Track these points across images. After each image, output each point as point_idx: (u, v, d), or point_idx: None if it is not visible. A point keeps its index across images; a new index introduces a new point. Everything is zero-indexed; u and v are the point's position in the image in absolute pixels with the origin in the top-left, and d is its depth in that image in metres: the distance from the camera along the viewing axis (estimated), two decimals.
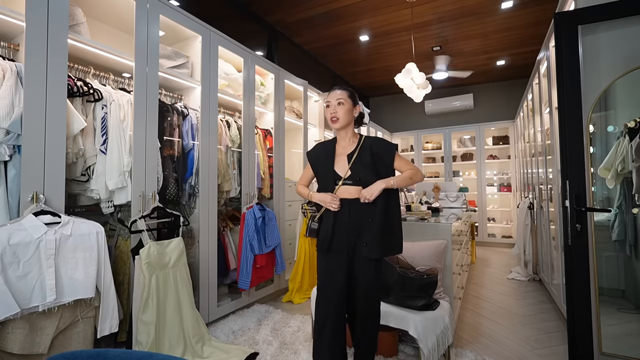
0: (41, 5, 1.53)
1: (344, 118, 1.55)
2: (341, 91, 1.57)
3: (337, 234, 1.51)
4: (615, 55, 1.78)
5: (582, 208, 1.73)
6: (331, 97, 1.57)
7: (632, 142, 1.83)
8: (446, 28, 4.37)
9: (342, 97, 1.55)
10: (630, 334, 1.86)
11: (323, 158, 1.60)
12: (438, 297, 2.02)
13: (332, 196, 1.50)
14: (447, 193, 4.14)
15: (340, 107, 1.55)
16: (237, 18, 4.05)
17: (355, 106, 1.60)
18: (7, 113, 1.42)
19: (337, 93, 1.56)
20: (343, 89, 1.58)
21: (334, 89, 1.60)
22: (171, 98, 2.46)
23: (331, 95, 1.58)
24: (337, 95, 1.56)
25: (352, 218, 1.50)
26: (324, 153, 1.61)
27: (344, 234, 1.50)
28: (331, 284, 1.51)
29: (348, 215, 1.50)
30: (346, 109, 1.55)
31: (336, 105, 1.55)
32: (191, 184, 2.40)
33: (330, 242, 1.52)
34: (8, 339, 1.36)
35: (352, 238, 1.50)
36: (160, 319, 1.86)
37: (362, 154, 1.53)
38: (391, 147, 1.56)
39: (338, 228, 1.51)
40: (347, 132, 1.60)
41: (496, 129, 6.12)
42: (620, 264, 1.97)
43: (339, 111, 1.54)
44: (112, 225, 2.11)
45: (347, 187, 1.52)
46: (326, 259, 1.54)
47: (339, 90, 1.57)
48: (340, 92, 1.56)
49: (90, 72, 1.93)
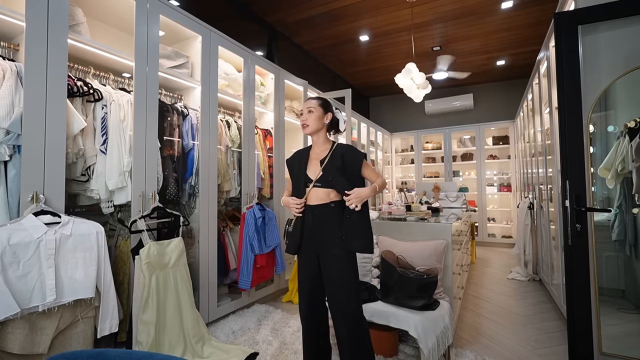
0: (41, 5, 1.53)
1: (313, 124, 1.65)
2: (313, 100, 1.70)
3: (305, 236, 1.63)
4: (615, 55, 1.78)
5: (582, 208, 1.73)
6: (304, 106, 1.71)
7: (632, 142, 1.83)
8: (446, 28, 4.37)
9: (312, 105, 1.67)
10: (630, 334, 1.86)
11: (297, 163, 1.71)
12: (438, 297, 2.02)
13: (295, 200, 1.61)
14: (447, 193, 4.14)
15: (310, 114, 1.66)
16: (237, 18, 4.04)
17: (327, 113, 1.70)
18: (7, 113, 1.42)
19: (309, 102, 1.70)
20: (315, 99, 1.72)
21: (308, 98, 1.76)
22: (171, 98, 2.46)
23: (304, 104, 1.71)
24: (308, 103, 1.69)
25: (316, 221, 1.59)
26: (299, 159, 1.72)
27: (310, 236, 1.61)
28: (303, 283, 1.62)
29: (312, 219, 1.60)
30: (316, 116, 1.65)
31: (307, 112, 1.67)
32: (191, 184, 2.40)
33: (299, 244, 1.64)
34: (8, 339, 1.36)
35: (317, 240, 1.59)
36: (160, 319, 1.86)
37: (333, 159, 1.62)
38: (360, 155, 1.65)
39: (305, 230, 1.62)
40: (319, 138, 1.69)
41: (496, 129, 6.12)
42: (620, 264, 1.96)
43: (308, 118, 1.66)
44: (112, 225, 2.11)
45: (316, 190, 1.60)
46: (299, 261, 1.67)
47: (311, 100, 1.71)
48: (311, 101, 1.70)
49: (90, 72, 1.93)
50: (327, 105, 1.71)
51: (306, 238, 1.62)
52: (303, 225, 1.62)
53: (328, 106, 1.71)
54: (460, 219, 3.00)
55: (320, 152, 1.67)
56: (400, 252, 2.12)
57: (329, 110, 1.70)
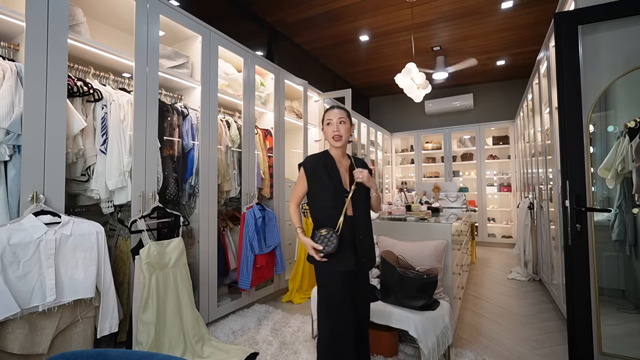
0: (41, 5, 1.53)
1: (346, 136, 1.59)
2: (341, 110, 1.61)
3: (344, 250, 1.49)
4: (615, 55, 1.78)
5: (582, 208, 1.73)
6: (333, 116, 1.58)
7: (632, 142, 1.83)
8: (446, 28, 4.37)
9: (343, 116, 1.59)
10: (630, 334, 1.85)
11: (323, 171, 1.57)
12: (438, 297, 2.02)
13: (314, 246, 1.45)
14: (447, 193, 4.14)
15: (342, 125, 1.58)
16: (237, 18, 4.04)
17: (352, 125, 1.65)
18: (7, 113, 1.42)
19: (339, 112, 1.59)
20: (343, 109, 1.62)
21: (333, 107, 1.63)
22: (171, 98, 2.46)
23: (332, 114, 1.59)
24: (339, 114, 1.58)
25: (350, 234, 1.51)
26: (324, 166, 1.58)
27: (349, 250, 1.49)
28: (345, 298, 1.48)
29: (351, 231, 1.51)
30: (347, 127, 1.60)
31: (338, 123, 1.57)
32: (191, 184, 2.40)
33: (341, 259, 1.49)
34: (8, 339, 1.36)
35: (353, 253, 1.51)
36: (160, 319, 1.86)
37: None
38: (369, 169, 1.65)
39: (344, 245, 1.49)
40: (344, 150, 1.65)
41: (496, 129, 6.12)
42: (620, 264, 1.96)
43: (341, 129, 1.57)
44: (112, 225, 2.11)
45: (350, 202, 1.54)
46: (339, 276, 1.49)
47: (340, 110, 1.60)
48: (341, 112, 1.60)
49: (90, 72, 1.93)
50: (351, 116, 1.66)
51: (344, 250, 1.49)
52: (341, 239, 1.47)
53: (351, 117, 1.66)
54: (460, 219, 3.00)
55: (345, 163, 1.63)
56: (400, 252, 2.12)
57: (352, 121, 1.66)
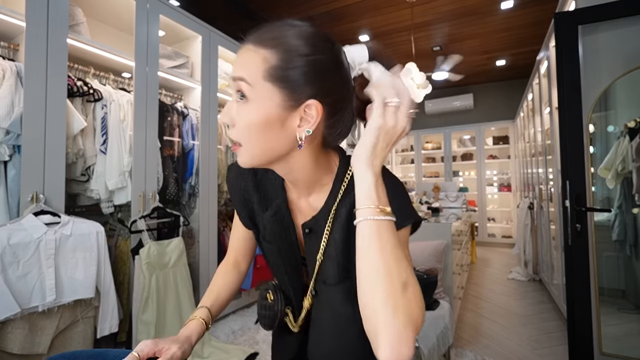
0: (41, 5, 1.53)
1: (256, 137, 1.47)
2: (250, 45, 1.49)
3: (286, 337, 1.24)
4: (615, 55, 1.78)
5: (582, 208, 1.73)
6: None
7: (632, 142, 1.83)
8: (446, 28, 4.37)
9: (249, 63, 1.49)
10: (630, 334, 1.86)
11: (259, 214, 1.44)
12: (438, 297, 2.02)
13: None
14: (447, 193, 4.15)
15: (242, 103, 1.53)
16: (237, 18, 4.04)
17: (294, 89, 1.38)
18: (7, 113, 1.42)
19: (239, 55, 1.50)
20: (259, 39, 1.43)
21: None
22: (171, 98, 2.46)
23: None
24: (237, 60, 1.50)
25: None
26: (257, 203, 1.45)
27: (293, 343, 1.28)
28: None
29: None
30: (259, 102, 1.46)
31: (236, 94, 1.51)
32: (191, 184, 2.40)
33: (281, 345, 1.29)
34: (8, 339, 1.35)
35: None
36: (160, 319, 1.86)
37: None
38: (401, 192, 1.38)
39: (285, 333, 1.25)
40: (303, 168, 1.48)
41: (496, 129, 6.12)
42: (620, 264, 1.96)
43: (233, 112, 1.51)
44: (112, 225, 2.11)
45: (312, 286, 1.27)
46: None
47: (248, 45, 1.50)
48: (246, 50, 1.50)
49: (90, 72, 1.93)
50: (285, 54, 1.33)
51: None
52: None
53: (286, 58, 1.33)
54: (460, 219, 3.00)
55: (314, 200, 1.48)
56: None
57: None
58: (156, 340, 0.58)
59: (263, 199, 0.67)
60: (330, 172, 0.61)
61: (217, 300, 0.73)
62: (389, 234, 0.44)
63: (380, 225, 0.44)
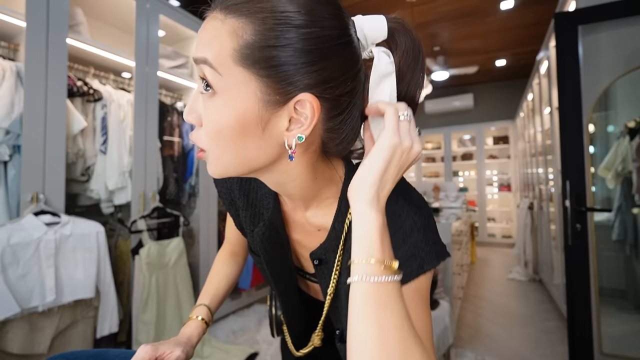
0: (41, 5, 1.53)
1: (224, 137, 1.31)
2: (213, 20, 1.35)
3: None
4: (615, 55, 1.78)
5: (582, 208, 1.73)
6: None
7: (632, 142, 1.83)
8: (446, 28, 4.37)
9: (213, 39, 1.35)
10: (630, 334, 1.85)
11: (250, 227, 1.34)
12: (438, 297, 2.02)
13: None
14: (447, 193, 4.15)
15: (206, 97, 1.39)
16: None
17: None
18: (7, 113, 1.42)
19: (202, 29, 1.39)
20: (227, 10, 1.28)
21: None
22: (171, 98, 2.46)
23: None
24: (201, 35, 1.38)
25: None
26: (249, 218, 1.36)
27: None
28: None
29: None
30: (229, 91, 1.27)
31: (200, 83, 1.39)
32: (191, 184, 2.40)
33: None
34: (8, 339, 1.35)
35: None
36: (160, 319, 1.86)
37: None
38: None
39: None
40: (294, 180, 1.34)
41: (496, 129, 6.12)
42: (620, 264, 1.96)
43: (197, 106, 1.39)
44: (112, 225, 2.11)
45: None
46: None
47: (210, 21, 1.38)
48: (212, 23, 1.38)
49: (90, 72, 1.93)
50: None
51: None
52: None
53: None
54: (460, 219, 3.00)
55: (317, 220, 1.36)
56: None
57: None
58: (156, 344, 0.53)
59: (251, 206, 0.55)
60: (331, 184, 0.47)
61: (216, 295, 0.67)
62: (394, 301, 0.32)
63: (380, 290, 0.31)
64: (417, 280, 0.40)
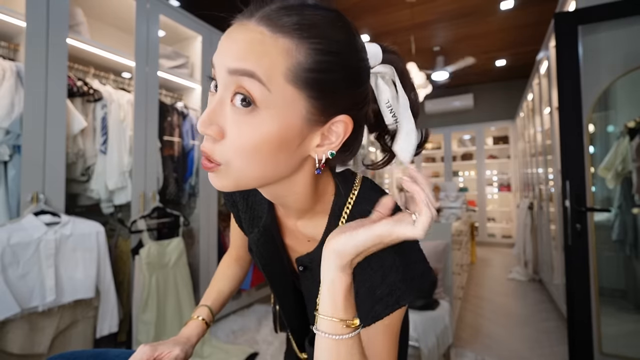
0: (41, 5, 1.53)
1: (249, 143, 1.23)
2: (246, 30, 1.32)
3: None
4: (615, 55, 1.78)
5: (582, 208, 1.73)
6: (216, 59, 1.35)
7: (632, 142, 1.83)
8: (446, 28, 4.37)
9: (247, 51, 1.30)
10: (630, 334, 1.86)
11: (251, 231, 1.35)
12: (438, 297, 2.02)
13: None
14: (447, 193, 4.15)
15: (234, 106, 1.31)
16: None
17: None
18: (7, 113, 1.42)
19: (230, 38, 1.35)
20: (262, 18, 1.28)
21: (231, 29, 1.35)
22: (171, 98, 2.46)
23: (218, 52, 1.37)
24: (229, 45, 1.33)
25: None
26: (248, 223, 1.36)
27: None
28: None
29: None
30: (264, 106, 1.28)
31: (225, 90, 1.34)
32: (191, 184, 2.40)
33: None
34: (8, 339, 1.36)
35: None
36: (160, 319, 1.86)
37: None
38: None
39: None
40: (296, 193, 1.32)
41: (496, 129, 6.12)
42: (620, 264, 1.96)
43: (216, 114, 1.33)
44: (112, 225, 2.11)
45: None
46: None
47: (241, 29, 1.33)
48: (243, 35, 1.32)
49: (90, 72, 1.93)
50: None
51: None
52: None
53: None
54: (460, 219, 3.00)
55: (312, 229, 1.33)
56: None
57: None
58: (155, 344, 0.54)
59: (250, 209, 0.58)
60: (323, 199, 0.50)
61: (219, 297, 0.69)
62: (353, 352, 0.36)
63: (340, 346, 0.35)
64: (391, 315, 0.41)
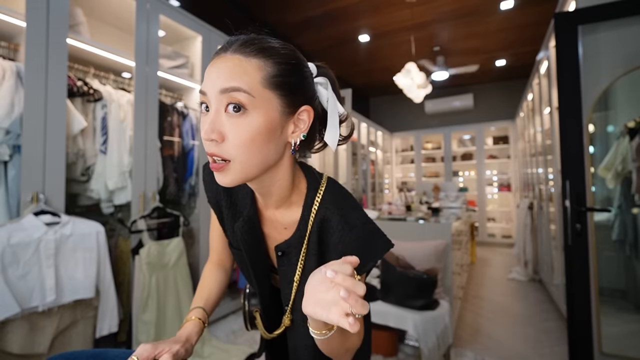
0: (41, 5, 1.53)
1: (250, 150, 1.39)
2: (239, 50, 1.43)
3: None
4: (615, 55, 1.78)
5: (582, 208, 1.73)
6: (208, 77, 1.45)
7: (632, 142, 1.83)
8: (446, 28, 4.37)
9: (237, 71, 1.43)
10: (630, 334, 1.86)
11: (231, 224, 1.39)
12: (438, 297, 2.02)
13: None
14: (447, 193, 4.14)
15: (235, 116, 1.44)
16: (237, 18, 4.05)
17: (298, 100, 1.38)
18: (7, 113, 1.42)
19: (222, 60, 1.44)
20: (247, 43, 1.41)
21: (220, 49, 1.43)
22: (171, 98, 2.46)
23: (211, 71, 1.46)
24: (221, 66, 1.44)
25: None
26: (230, 216, 1.40)
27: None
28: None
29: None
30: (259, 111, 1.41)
31: (218, 106, 1.45)
32: (191, 184, 2.40)
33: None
34: (8, 339, 1.35)
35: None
36: (161, 319, 1.86)
37: None
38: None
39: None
40: (282, 183, 1.43)
41: (496, 129, 6.12)
42: (620, 264, 1.96)
43: (221, 122, 1.43)
44: (112, 225, 2.11)
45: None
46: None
47: (234, 50, 1.44)
48: (234, 56, 1.43)
49: (90, 72, 1.93)
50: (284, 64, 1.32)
51: None
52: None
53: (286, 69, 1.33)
54: (460, 219, 3.00)
55: (290, 217, 1.36)
56: (400, 252, 2.12)
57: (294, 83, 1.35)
58: (156, 343, 0.57)
59: (233, 204, 0.68)
60: (298, 191, 0.62)
61: (209, 299, 0.75)
62: (334, 340, 0.51)
63: (330, 339, 0.50)
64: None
